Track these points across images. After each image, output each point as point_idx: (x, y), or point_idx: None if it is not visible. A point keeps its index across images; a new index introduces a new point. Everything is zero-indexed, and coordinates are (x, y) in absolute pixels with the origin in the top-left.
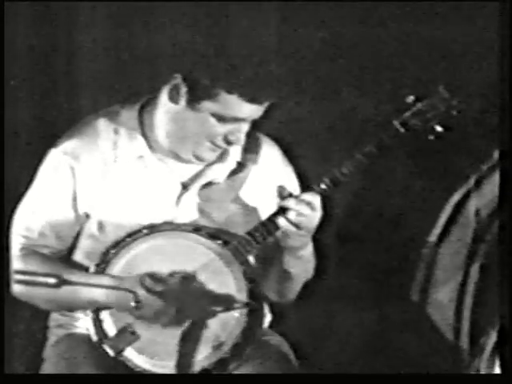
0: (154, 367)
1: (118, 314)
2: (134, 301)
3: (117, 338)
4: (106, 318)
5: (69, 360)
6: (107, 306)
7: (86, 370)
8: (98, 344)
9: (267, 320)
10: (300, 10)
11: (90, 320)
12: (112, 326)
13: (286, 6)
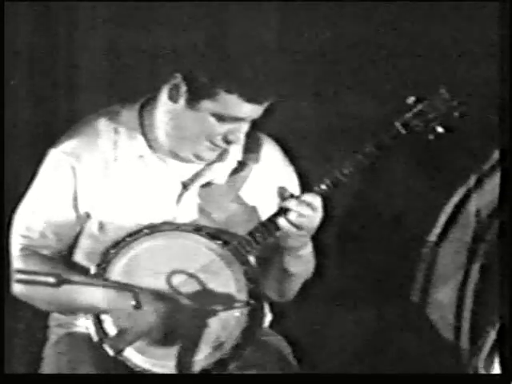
0: (153, 367)
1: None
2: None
3: (117, 337)
4: (107, 317)
5: (69, 359)
6: (106, 310)
7: (86, 370)
8: (98, 343)
9: (267, 320)
10: (300, 9)
11: (90, 319)
12: (112, 325)
13: (286, 5)
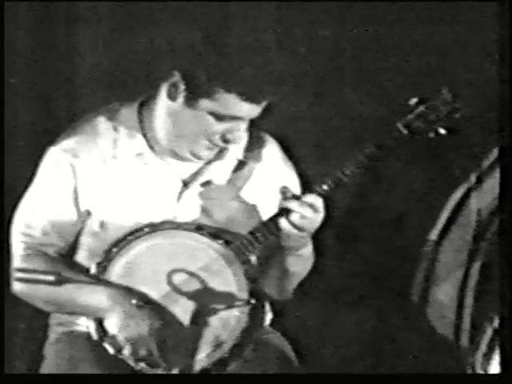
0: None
1: None
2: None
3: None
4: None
5: (69, 358)
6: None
7: (86, 368)
8: (98, 342)
9: (268, 318)
10: (299, 9)
11: (90, 318)
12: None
13: (285, 4)
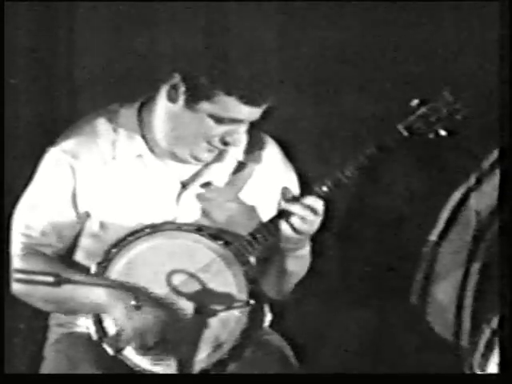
0: (153, 367)
1: None
2: (134, 299)
3: (117, 336)
4: (106, 316)
5: (69, 359)
6: (105, 310)
7: (85, 369)
8: (98, 343)
9: (267, 319)
10: (301, 11)
11: (90, 319)
12: (112, 324)
13: (286, 7)
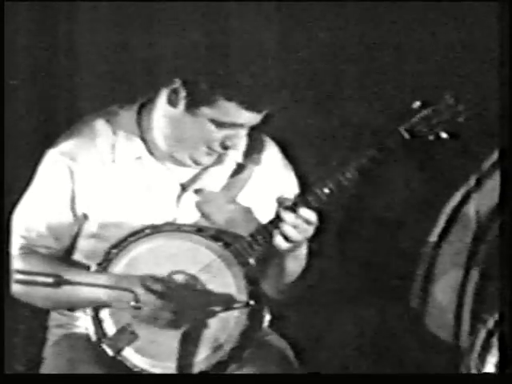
0: (153, 367)
1: (118, 313)
2: (133, 300)
3: (116, 337)
4: (106, 317)
5: (68, 359)
6: (106, 305)
7: (85, 370)
8: (98, 343)
9: (267, 320)
10: (301, 14)
11: (89, 319)
12: (111, 325)
13: (288, 13)
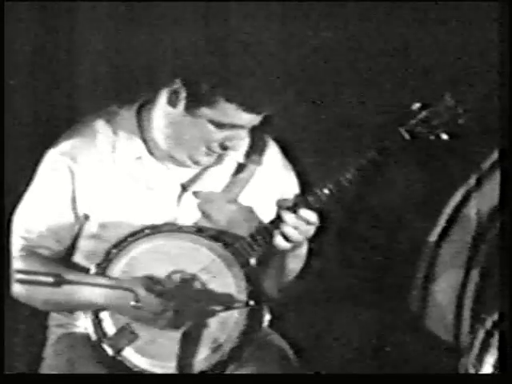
0: (153, 367)
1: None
2: (133, 300)
3: (116, 337)
4: (106, 317)
5: (68, 359)
6: (106, 308)
7: (85, 369)
8: (97, 343)
9: (266, 319)
10: (302, 16)
11: (89, 319)
12: (111, 325)
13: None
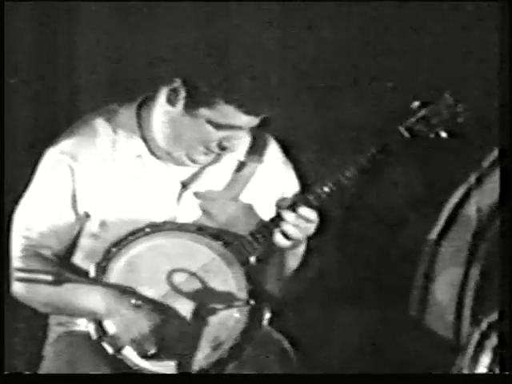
0: (153, 366)
1: None
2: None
3: (116, 335)
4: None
5: (68, 358)
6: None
7: (85, 368)
8: (98, 342)
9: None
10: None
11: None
12: (111, 324)
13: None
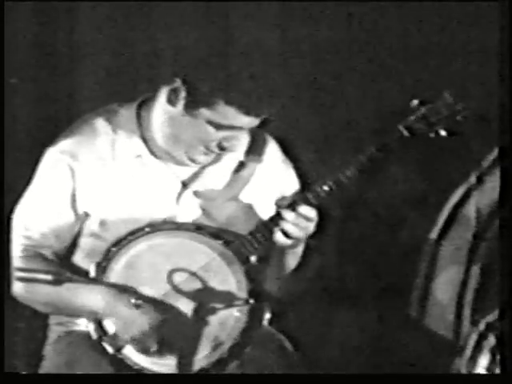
0: (153, 365)
1: None
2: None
3: (116, 335)
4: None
5: (68, 357)
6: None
7: (85, 368)
8: (98, 341)
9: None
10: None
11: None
12: (111, 323)
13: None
